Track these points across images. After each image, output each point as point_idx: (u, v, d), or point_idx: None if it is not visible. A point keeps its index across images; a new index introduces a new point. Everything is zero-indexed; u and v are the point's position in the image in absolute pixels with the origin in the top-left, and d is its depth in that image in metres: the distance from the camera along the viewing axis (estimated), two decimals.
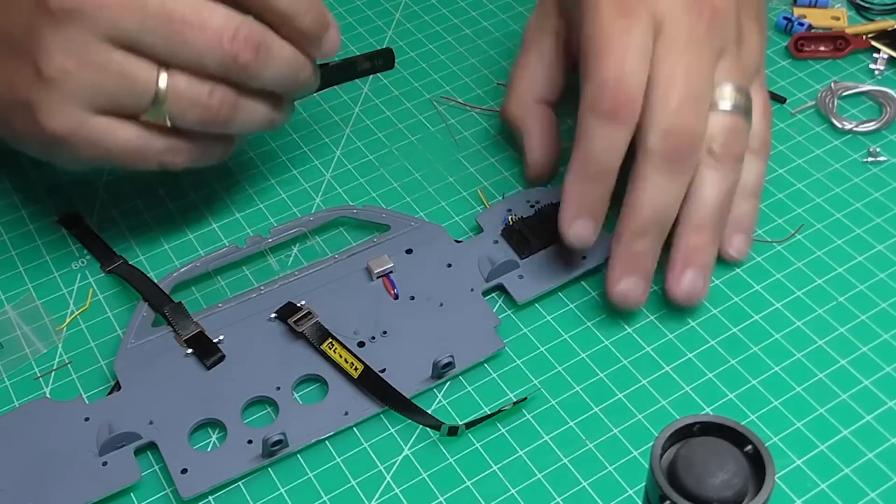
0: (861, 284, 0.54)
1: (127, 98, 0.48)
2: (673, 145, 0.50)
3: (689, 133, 0.50)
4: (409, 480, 0.47)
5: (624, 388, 0.50)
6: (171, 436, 0.48)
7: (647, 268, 0.52)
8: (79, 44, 0.46)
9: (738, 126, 0.53)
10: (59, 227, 0.58)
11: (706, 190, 0.52)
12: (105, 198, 0.60)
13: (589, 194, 0.51)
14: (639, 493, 0.46)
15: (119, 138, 0.49)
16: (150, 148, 0.50)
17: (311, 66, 0.53)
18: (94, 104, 0.48)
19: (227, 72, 0.49)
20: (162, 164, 0.52)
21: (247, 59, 0.49)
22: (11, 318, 0.54)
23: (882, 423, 0.49)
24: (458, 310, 0.53)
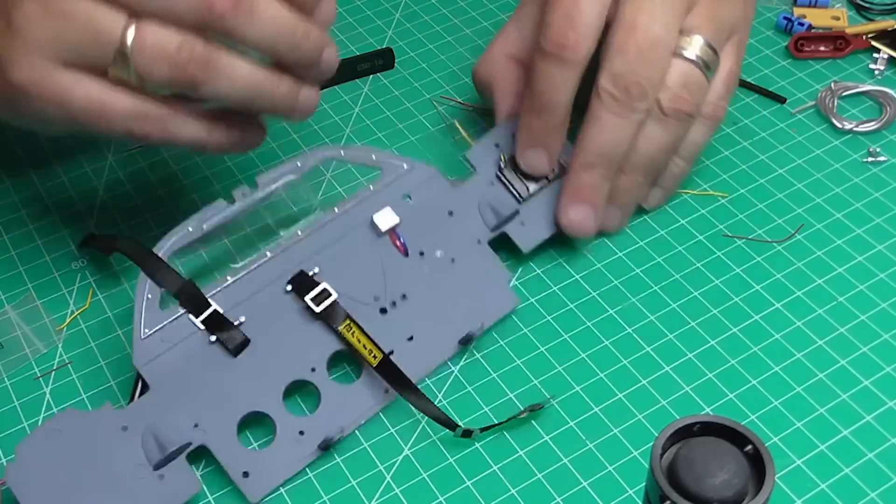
0: (861, 284, 0.54)
1: (91, 49, 0.45)
2: (623, 89, 0.51)
3: (640, 79, 0.51)
4: (409, 480, 0.47)
5: (624, 388, 0.50)
6: (221, 436, 0.46)
7: (595, 199, 0.54)
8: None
9: (694, 78, 0.52)
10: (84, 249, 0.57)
11: (642, 142, 0.53)
12: (105, 198, 0.60)
13: (537, 126, 0.54)
14: (639, 493, 0.46)
15: (81, 93, 0.46)
16: (115, 108, 0.46)
17: (316, 34, 0.49)
18: (60, 56, 0.45)
19: (203, 23, 0.45)
20: (129, 132, 0.47)
21: (223, 9, 0.45)
22: (11, 318, 0.54)
23: (882, 423, 0.49)
24: (469, 265, 0.53)
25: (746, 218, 0.58)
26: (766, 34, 0.69)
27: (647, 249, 0.57)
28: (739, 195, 0.59)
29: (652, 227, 0.58)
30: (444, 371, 0.51)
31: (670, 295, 0.54)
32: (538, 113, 0.54)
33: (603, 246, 0.57)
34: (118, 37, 0.44)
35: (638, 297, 0.54)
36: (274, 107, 0.49)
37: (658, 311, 0.54)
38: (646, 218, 0.58)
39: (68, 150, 0.63)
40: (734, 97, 0.64)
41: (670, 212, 0.58)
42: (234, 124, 0.50)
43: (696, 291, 0.54)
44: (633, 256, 0.56)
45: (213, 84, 0.46)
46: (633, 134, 0.53)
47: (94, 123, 0.47)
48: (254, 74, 0.47)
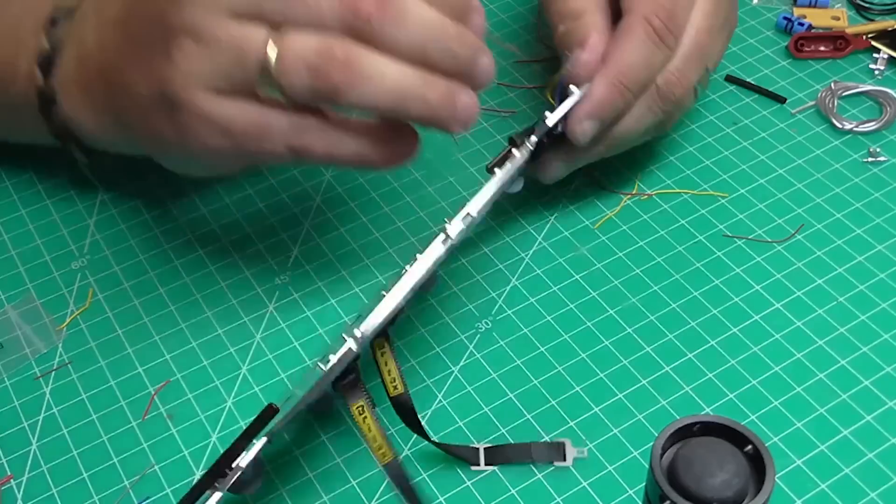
0: (861, 284, 0.54)
1: (238, 70, 0.44)
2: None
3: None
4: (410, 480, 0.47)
5: (624, 388, 0.50)
6: None
7: (609, 118, 0.53)
8: (200, 21, 0.44)
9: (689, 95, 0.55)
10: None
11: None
12: (105, 198, 0.60)
13: (618, 102, 0.53)
14: (639, 493, 0.46)
15: (241, 118, 0.45)
16: (273, 127, 0.45)
17: (470, 38, 0.46)
18: (215, 84, 0.45)
19: (349, 29, 0.43)
20: (292, 149, 0.46)
21: (369, 12, 0.43)
22: (12, 318, 0.54)
23: (882, 423, 0.49)
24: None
25: (746, 218, 0.58)
26: (766, 34, 0.69)
27: (647, 249, 0.57)
28: (739, 195, 0.59)
29: (652, 227, 0.58)
30: (444, 371, 0.51)
31: (670, 295, 0.54)
32: (624, 90, 0.52)
33: (603, 246, 0.57)
34: (261, 52, 0.44)
35: (638, 297, 0.54)
36: (430, 112, 0.45)
37: (658, 310, 0.54)
38: (646, 218, 0.58)
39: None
40: (734, 97, 0.65)
41: (670, 212, 0.58)
42: (394, 136, 0.48)
43: (696, 291, 0.54)
44: (633, 256, 0.56)
45: (358, 88, 0.44)
46: (660, 67, 0.53)
47: (257, 146, 0.46)
48: (404, 75, 0.44)
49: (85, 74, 0.52)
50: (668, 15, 0.52)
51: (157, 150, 0.52)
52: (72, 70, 0.53)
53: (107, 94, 0.51)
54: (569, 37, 0.54)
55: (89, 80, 0.52)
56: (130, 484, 0.48)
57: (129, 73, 0.49)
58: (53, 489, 0.48)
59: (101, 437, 0.49)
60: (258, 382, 0.51)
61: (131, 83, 0.49)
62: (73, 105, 0.53)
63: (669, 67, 0.53)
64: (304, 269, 0.56)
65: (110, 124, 0.52)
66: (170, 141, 0.48)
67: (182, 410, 0.50)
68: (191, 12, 0.44)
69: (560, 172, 0.56)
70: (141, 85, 0.48)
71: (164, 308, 0.55)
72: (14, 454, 0.49)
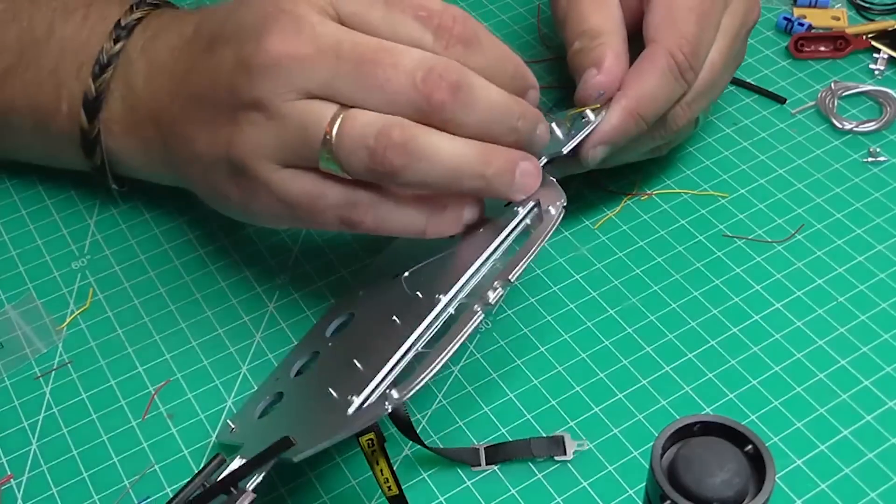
0: (861, 284, 0.54)
1: (302, 146, 0.45)
2: (689, 56, 0.52)
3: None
4: (410, 481, 0.47)
5: (624, 388, 0.50)
6: None
7: (620, 144, 0.53)
8: (274, 99, 0.45)
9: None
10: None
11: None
12: (106, 199, 0.60)
13: (633, 131, 0.52)
14: (639, 493, 0.46)
15: (296, 188, 0.46)
16: (326, 199, 0.46)
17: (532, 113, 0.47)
18: (279, 157, 0.46)
19: (420, 114, 0.44)
20: (344, 221, 0.47)
21: (442, 99, 0.44)
22: (12, 318, 0.54)
23: (882, 423, 0.49)
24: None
25: (746, 218, 0.58)
26: (766, 34, 0.69)
27: (647, 249, 0.57)
28: (739, 195, 0.59)
29: (652, 227, 0.58)
30: (444, 371, 0.51)
31: (670, 295, 0.54)
32: (640, 120, 0.52)
33: (603, 246, 0.57)
34: (324, 130, 0.44)
35: (638, 297, 0.54)
36: (488, 185, 0.46)
37: (658, 311, 0.54)
38: (646, 218, 0.58)
39: None
40: (734, 97, 0.65)
41: (670, 212, 0.58)
42: (451, 207, 0.47)
43: (696, 291, 0.54)
44: (633, 256, 0.56)
45: (413, 168, 0.44)
46: (676, 100, 0.53)
47: (309, 214, 0.47)
48: (461, 153, 0.45)
49: (134, 116, 0.53)
50: (692, 50, 0.52)
51: (211, 202, 0.52)
52: (119, 111, 0.54)
53: (160, 141, 0.52)
54: (583, 56, 0.53)
55: (139, 121, 0.53)
56: (130, 484, 0.48)
57: (190, 128, 0.50)
58: (53, 489, 0.48)
59: (101, 437, 0.49)
60: (258, 382, 0.51)
61: (190, 137, 0.50)
62: (120, 144, 0.54)
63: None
64: (303, 269, 0.56)
65: (161, 164, 0.54)
66: (228, 198, 0.50)
67: (182, 410, 0.50)
68: (265, 89, 0.45)
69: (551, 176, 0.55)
70: (202, 142, 0.49)
71: (164, 308, 0.55)
72: (14, 454, 0.49)
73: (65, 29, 0.55)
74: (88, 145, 0.55)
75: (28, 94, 0.55)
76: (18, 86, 0.55)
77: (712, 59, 0.54)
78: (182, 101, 0.50)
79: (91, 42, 0.54)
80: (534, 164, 0.47)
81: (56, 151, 0.57)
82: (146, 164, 0.55)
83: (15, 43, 0.55)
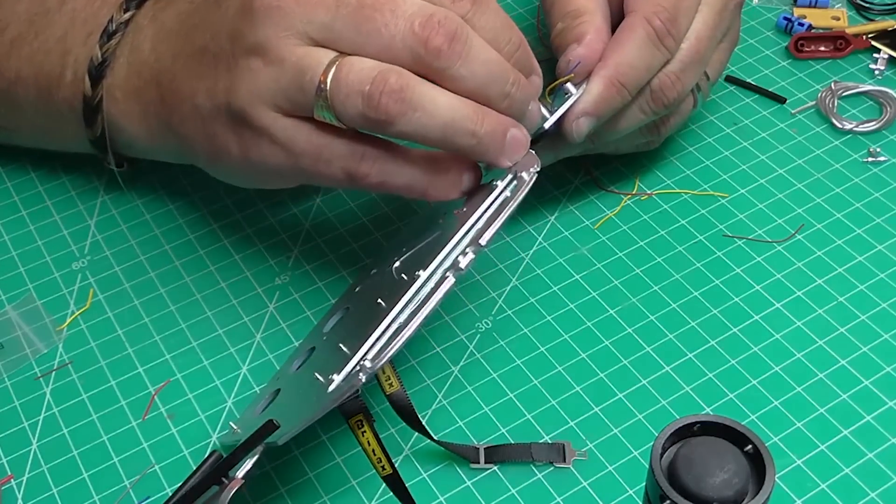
0: (861, 284, 0.54)
1: (298, 92, 0.45)
2: (668, 24, 0.52)
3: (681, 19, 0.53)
4: (409, 480, 0.47)
5: (624, 388, 0.50)
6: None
7: (605, 116, 0.53)
8: (274, 42, 0.45)
9: (687, 101, 0.56)
10: None
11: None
12: (106, 199, 0.60)
13: (616, 102, 0.52)
14: (639, 493, 0.46)
15: (302, 137, 0.46)
16: (332, 150, 0.46)
17: (526, 85, 0.48)
18: (278, 102, 0.46)
19: (417, 60, 0.44)
20: (349, 174, 0.47)
21: (439, 45, 0.44)
22: (12, 319, 0.55)
23: (882, 423, 0.49)
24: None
25: (746, 218, 0.58)
26: (766, 34, 0.69)
27: (647, 249, 0.57)
28: (739, 195, 0.59)
29: (652, 227, 0.58)
30: (444, 371, 0.51)
31: (670, 295, 0.54)
32: (621, 89, 0.52)
33: (603, 246, 0.57)
34: (319, 77, 0.45)
35: (638, 297, 0.54)
36: (479, 145, 0.46)
37: (658, 310, 0.54)
38: (646, 218, 0.58)
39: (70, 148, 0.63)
40: (734, 97, 0.65)
41: (670, 212, 0.58)
42: (452, 167, 0.48)
43: (696, 291, 0.54)
44: (633, 256, 0.56)
45: (408, 117, 0.44)
46: (658, 69, 0.53)
47: (314, 167, 0.47)
48: (456, 107, 0.45)
49: (137, 81, 0.53)
50: (670, 18, 0.52)
51: (211, 160, 0.52)
52: (122, 77, 0.54)
53: (160, 102, 0.52)
54: (566, 33, 0.54)
55: (141, 86, 0.53)
56: (130, 484, 0.48)
57: (190, 83, 0.50)
58: (53, 489, 0.48)
59: (101, 437, 0.49)
60: (258, 382, 0.51)
61: (190, 93, 0.50)
62: (121, 110, 0.54)
63: (665, 70, 0.53)
64: (304, 269, 0.56)
65: (158, 131, 0.53)
66: (228, 152, 0.49)
67: (182, 410, 0.50)
68: (265, 33, 0.45)
69: (544, 161, 0.54)
70: (201, 95, 0.49)
71: (164, 308, 0.55)
72: (14, 454, 0.49)
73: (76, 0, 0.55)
74: (90, 113, 0.54)
75: (34, 62, 0.55)
76: (25, 54, 0.55)
77: (697, 29, 0.54)
78: (184, 58, 0.51)
79: (102, 12, 0.55)
80: (523, 133, 0.48)
81: (56, 124, 0.57)
82: (146, 133, 0.54)
83: (25, 13, 0.56)
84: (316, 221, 0.59)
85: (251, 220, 0.59)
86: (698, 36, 0.54)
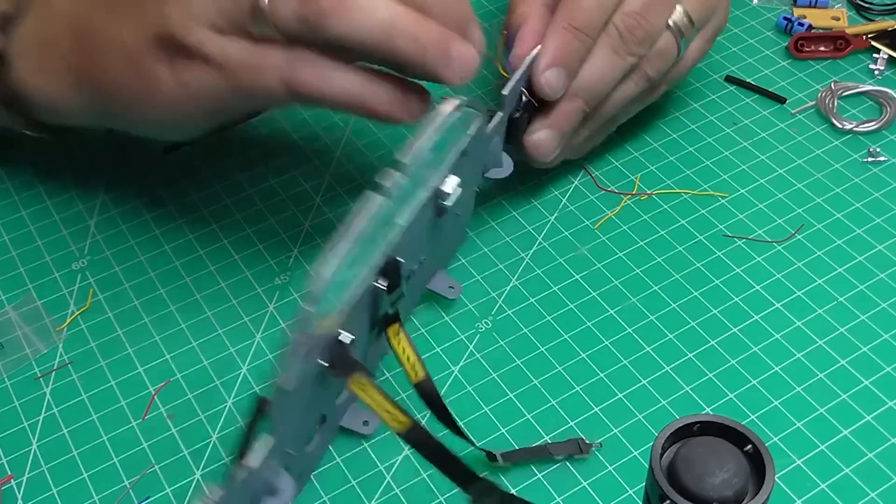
0: (861, 284, 0.54)
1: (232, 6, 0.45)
2: (631, 30, 0.53)
3: (647, 26, 0.53)
4: (409, 480, 0.47)
5: (624, 388, 0.50)
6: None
7: (565, 127, 0.54)
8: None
9: (669, 45, 0.55)
10: None
11: (616, 90, 0.55)
12: (106, 199, 0.60)
13: (573, 46, 0.52)
14: (639, 493, 0.46)
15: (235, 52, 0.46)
16: (268, 61, 0.46)
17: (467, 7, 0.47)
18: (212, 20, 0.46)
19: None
20: (287, 82, 0.46)
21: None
22: (12, 319, 0.55)
23: (882, 423, 0.49)
24: (464, 210, 0.54)
25: (746, 218, 0.58)
26: (766, 34, 0.69)
27: (647, 249, 0.57)
28: (739, 195, 0.59)
29: (652, 227, 0.58)
30: (444, 371, 0.51)
31: (670, 295, 0.54)
32: (577, 32, 0.52)
33: (603, 246, 0.57)
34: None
35: (638, 297, 0.54)
36: (421, 53, 0.45)
37: (658, 310, 0.54)
38: (646, 218, 0.58)
39: (69, 148, 0.63)
40: (734, 97, 0.65)
41: (670, 212, 0.58)
42: (393, 82, 0.47)
43: (696, 291, 0.54)
44: (633, 256, 0.56)
45: (346, 17, 0.43)
46: (619, 78, 0.54)
47: (251, 80, 0.46)
48: (396, 11, 0.44)
49: (50, 33, 0.51)
50: (639, 21, 0.53)
51: (140, 103, 0.50)
52: (34, 31, 0.52)
53: (79, 51, 0.51)
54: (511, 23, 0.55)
55: (55, 38, 0.51)
56: (130, 484, 0.48)
57: (112, 24, 0.49)
58: (53, 489, 0.48)
59: (101, 437, 0.49)
60: (258, 382, 0.51)
61: (114, 32, 0.49)
62: (32, 67, 0.52)
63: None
64: (304, 269, 0.56)
65: (75, 86, 0.51)
66: (160, 86, 0.48)
67: (182, 410, 0.50)
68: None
69: (549, 145, 0.54)
70: (127, 31, 0.48)
71: (164, 308, 0.55)
72: (14, 454, 0.49)
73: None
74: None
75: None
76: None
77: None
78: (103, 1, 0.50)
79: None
80: (470, 51, 0.46)
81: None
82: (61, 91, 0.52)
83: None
84: (316, 221, 0.59)
85: (251, 220, 0.59)
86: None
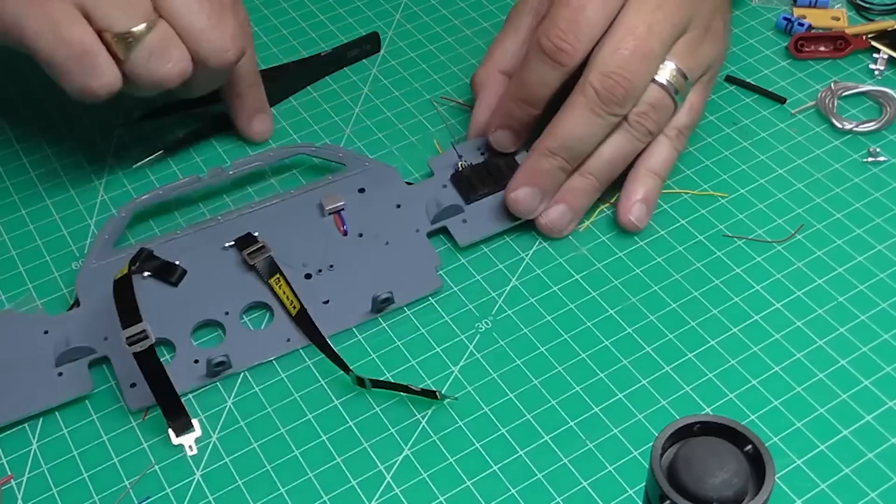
0: (861, 284, 0.54)
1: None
2: (609, 88, 0.53)
3: (627, 84, 0.53)
4: (409, 480, 0.47)
5: (624, 388, 0.50)
6: (124, 352, 0.49)
7: (547, 185, 0.55)
8: None
9: (663, 102, 0.55)
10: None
11: (606, 146, 0.55)
12: (105, 199, 0.60)
13: (514, 113, 0.57)
14: (639, 493, 0.46)
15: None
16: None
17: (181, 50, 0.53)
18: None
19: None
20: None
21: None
22: None
23: (882, 423, 0.49)
24: (402, 248, 0.55)
25: (746, 218, 0.58)
26: (766, 34, 0.69)
27: (647, 249, 0.57)
28: (739, 195, 0.59)
29: (652, 227, 0.58)
30: (444, 371, 0.51)
31: (670, 295, 0.54)
32: (519, 102, 0.56)
33: (603, 246, 0.57)
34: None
35: (638, 297, 0.54)
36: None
37: (658, 311, 0.54)
38: None
39: (69, 149, 0.63)
40: (734, 97, 0.65)
41: (670, 212, 0.58)
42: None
43: (696, 291, 0.54)
44: (633, 256, 0.56)
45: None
46: (602, 136, 0.55)
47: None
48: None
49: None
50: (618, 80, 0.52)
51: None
52: None
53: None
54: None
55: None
56: (130, 484, 0.48)
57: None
58: (53, 489, 0.48)
59: (102, 437, 0.49)
60: (258, 383, 0.51)
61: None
62: None
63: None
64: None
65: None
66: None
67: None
68: None
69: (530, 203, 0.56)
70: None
71: None
72: (14, 454, 0.49)
73: None
74: None
75: None
76: None
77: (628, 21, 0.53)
78: None
79: None
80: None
81: None
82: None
83: None
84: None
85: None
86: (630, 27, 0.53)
